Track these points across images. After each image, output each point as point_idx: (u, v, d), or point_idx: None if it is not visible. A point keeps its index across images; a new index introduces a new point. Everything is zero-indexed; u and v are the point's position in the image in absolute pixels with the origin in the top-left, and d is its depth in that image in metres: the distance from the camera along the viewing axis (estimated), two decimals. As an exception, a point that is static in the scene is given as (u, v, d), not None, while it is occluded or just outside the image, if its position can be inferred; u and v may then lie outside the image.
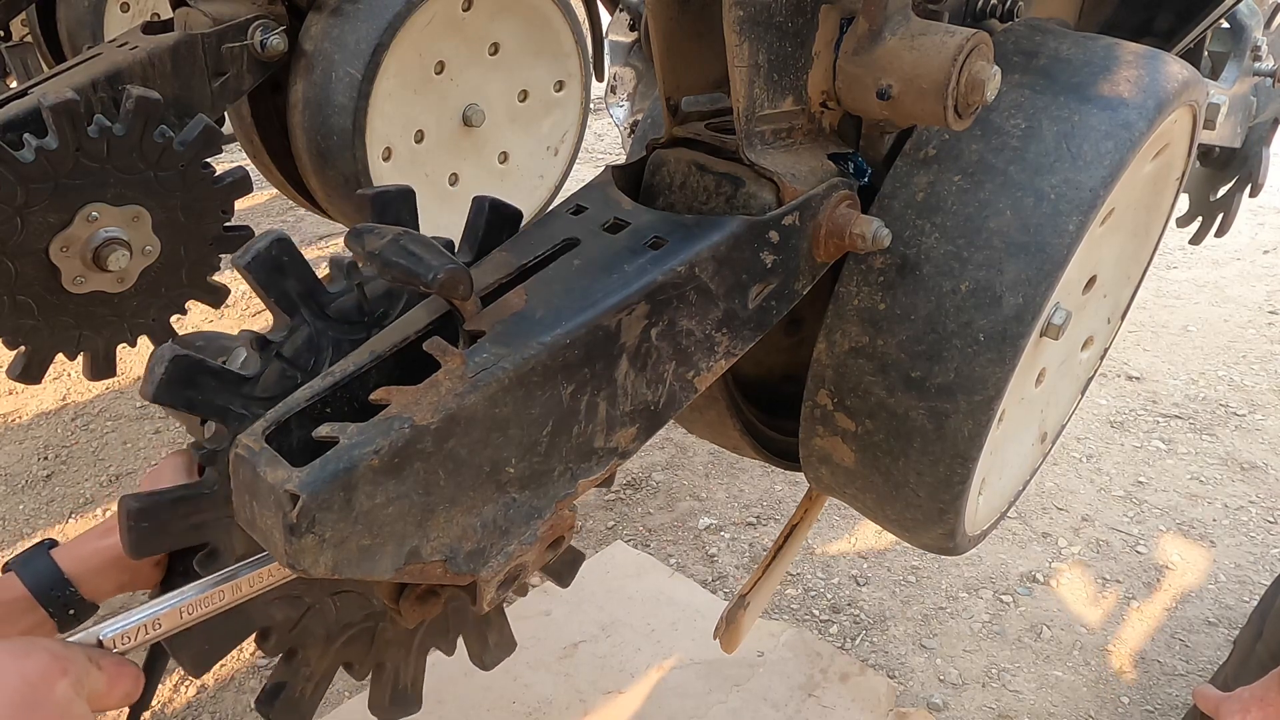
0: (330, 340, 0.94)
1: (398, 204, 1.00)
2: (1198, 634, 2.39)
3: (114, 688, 0.86)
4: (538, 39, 2.47)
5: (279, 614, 0.97)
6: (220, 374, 0.87)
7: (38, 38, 2.99)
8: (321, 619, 1.01)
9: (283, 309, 0.92)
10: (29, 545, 1.11)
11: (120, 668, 0.87)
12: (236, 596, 0.90)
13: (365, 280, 0.97)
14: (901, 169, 1.10)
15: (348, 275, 0.97)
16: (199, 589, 0.89)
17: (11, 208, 1.71)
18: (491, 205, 1.03)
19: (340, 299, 0.95)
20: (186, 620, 0.89)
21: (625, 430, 0.93)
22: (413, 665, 1.13)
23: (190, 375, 0.85)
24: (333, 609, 1.02)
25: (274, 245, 0.90)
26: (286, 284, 0.91)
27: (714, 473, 2.93)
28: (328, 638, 1.03)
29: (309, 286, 0.93)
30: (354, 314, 0.96)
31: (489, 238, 1.02)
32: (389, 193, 0.99)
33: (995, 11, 1.20)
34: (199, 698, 2.19)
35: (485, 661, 1.19)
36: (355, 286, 0.96)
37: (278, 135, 2.30)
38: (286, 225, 4.53)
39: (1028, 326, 1.02)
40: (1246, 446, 3.08)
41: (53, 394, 3.28)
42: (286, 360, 0.91)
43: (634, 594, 2.42)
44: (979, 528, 1.30)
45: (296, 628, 1.00)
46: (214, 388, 0.87)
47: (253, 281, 0.90)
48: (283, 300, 0.91)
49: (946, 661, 2.30)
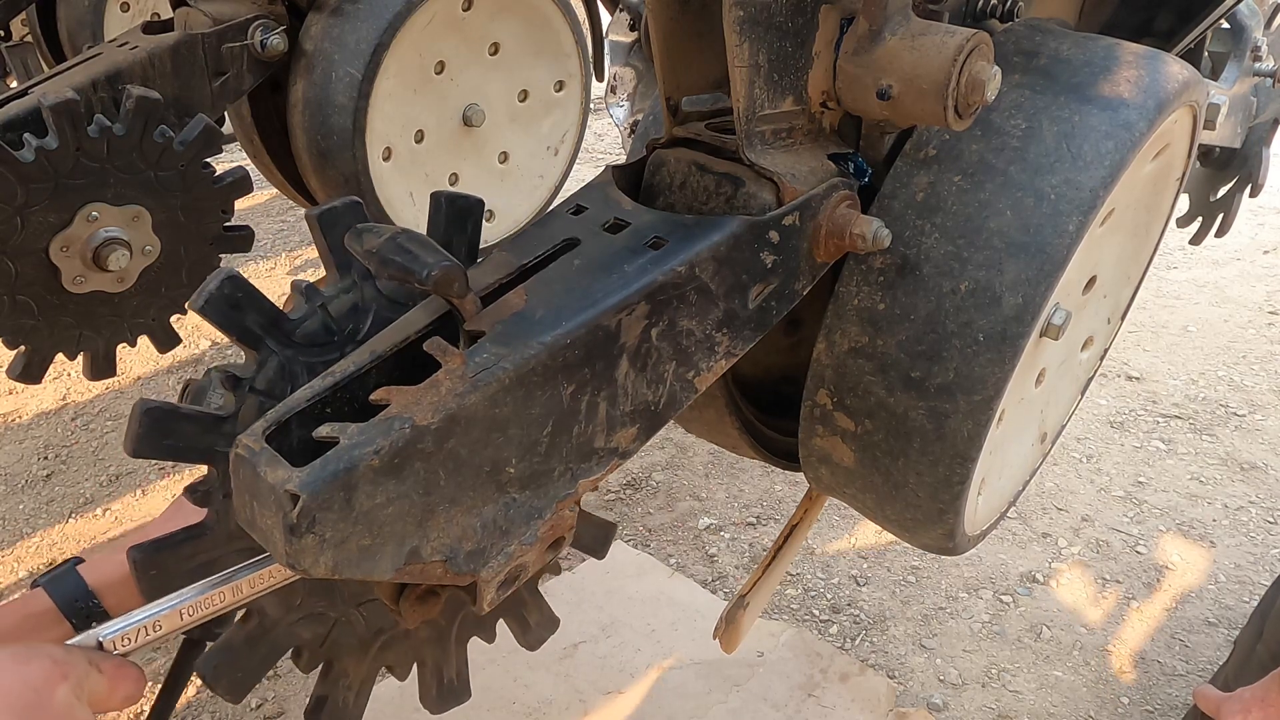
0: (303, 365, 0.93)
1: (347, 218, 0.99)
2: (1198, 634, 2.39)
3: (115, 690, 0.86)
4: (538, 39, 2.47)
5: (306, 633, 0.98)
6: (197, 418, 0.87)
7: (38, 38, 2.99)
8: (351, 630, 1.02)
9: (248, 344, 0.91)
10: (27, 544, 1.12)
11: (121, 670, 0.87)
12: (237, 598, 0.90)
13: (328, 300, 0.97)
14: (901, 169, 1.10)
15: (308, 299, 0.97)
16: (199, 591, 0.89)
17: (11, 208, 1.72)
18: (449, 199, 1.03)
19: (305, 323, 0.95)
20: (187, 622, 0.89)
21: (625, 430, 0.93)
22: (454, 657, 1.13)
23: (165, 425, 0.85)
24: (361, 619, 1.02)
25: (225, 284, 0.89)
26: (246, 319, 0.91)
27: (714, 473, 2.93)
28: (362, 646, 1.03)
29: (269, 317, 0.92)
30: (321, 335, 0.95)
31: (451, 230, 1.02)
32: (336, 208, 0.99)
33: (995, 11, 1.20)
34: (199, 698, 2.19)
35: (529, 641, 1.20)
36: (318, 308, 0.96)
37: (278, 135, 2.30)
38: (286, 225, 4.53)
39: (1027, 327, 1.02)
40: (1246, 446, 3.08)
41: (53, 394, 3.28)
42: (261, 393, 0.91)
43: (634, 594, 2.42)
44: (979, 528, 1.30)
45: (326, 642, 1.00)
46: (192, 432, 0.87)
47: (211, 322, 0.90)
48: (246, 335, 0.91)
49: (946, 661, 2.30)
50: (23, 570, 2.55)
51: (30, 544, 2.64)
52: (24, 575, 2.54)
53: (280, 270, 4.13)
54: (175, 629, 0.89)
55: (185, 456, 0.87)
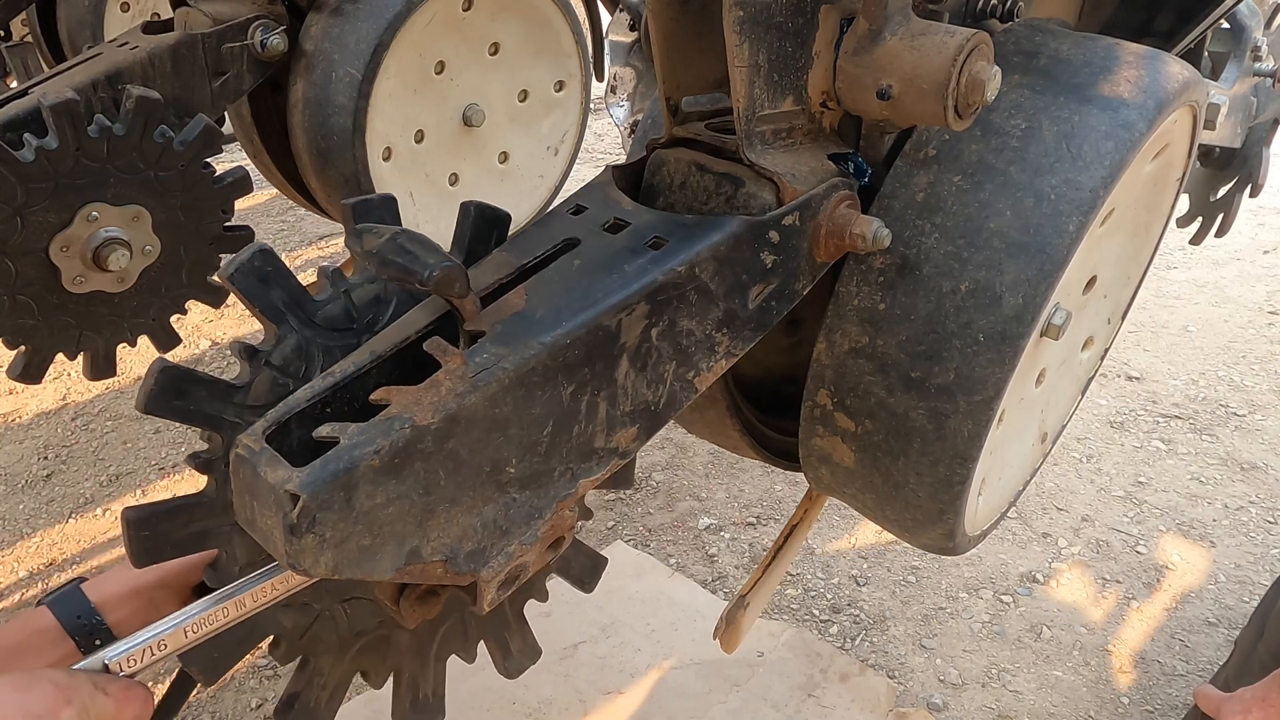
0: (320, 347, 0.94)
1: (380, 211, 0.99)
2: (1198, 634, 2.39)
3: (122, 711, 0.86)
4: (538, 39, 2.47)
5: (288, 621, 0.98)
6: (210, 384, 0.87)
7: (38, 38, 2.99)
8: (333, 626, 1.02)
9: (269, 318, 0.92)
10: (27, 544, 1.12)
11: (128, 691, 0.87)
12: (240, 612, 0.90)
13: (352, 287, 0.97)
14: (901, 169, 1.10)
15: (334, 283, 0.98)
16: (202, 607, 0.89)
17: (11, 208, 1.71)
18: (478, 209, 1.03)
19: (327, 306, 0.95)
20: (192, 639, 0.89)
21: (625, 430, 0.93)
22: (432, 673, 1.13)
23: (179, 386, 0.85)
24: (344, 616, 1.02)
25: (257, 256, 0.90)
26: (272, 293, 0.91)
27: (714, 473, 2.93)
28: (340, 646, 1.03)
29: (294, 295, 0.93)
30: (342, 320, 0.96)
31: (477, 241, 1.03)
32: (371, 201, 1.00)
33: (995, 11, 1.20)
34: (199, 698, 2.19)
35: (508, 669, 1.19)
36: (342, 294, 0.97)
37: (278, 135, 2.30)
38: (287, 225, 4.53)
39: (1028, 327, 1.02)
40: (1246, 446, 3.08)
41: (53, 394, 3.28)
42: (276, 368, 0.91)
43: (634, 594, 2.42)
44: (979, 528, 1.30)
45: (306, 635, 1.00)
46: (204, 397, 0.87)
47: (238, 292, 0.90)
48: (269, 309, 0.92)
49: (946, 661, 2.30)
50: (23, 570, 2.55)
51: (30, 544, 2.64)
52: (24, 575, 2.54)
53: (280, 270, 4.13)
54: (180, 647, 0.89)
55: (193, 420, 0.87)
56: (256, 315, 0.92)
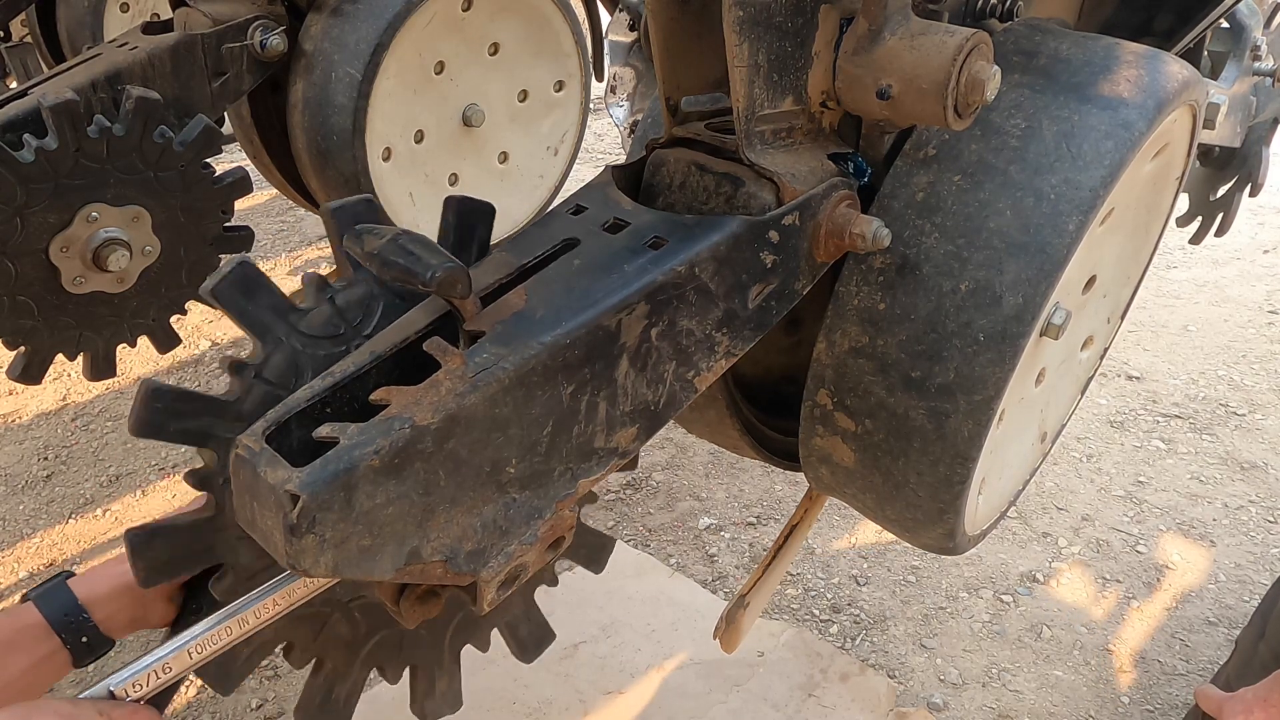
0: (309, 356, 0.94)
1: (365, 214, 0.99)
2: (1198, 634, 2.39)
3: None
4: (538, 39, 2.47)
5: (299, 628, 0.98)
6: (202, 400, 0.87)
7: (38, 38, 2.99)
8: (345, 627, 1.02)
9: (256, 331, 0.92)
10: (27, 544, 1.12)
11: (134, 716, 0.87)
12: (244, 630, 0.90)
13: (336, 293, 0.97)
14: (901, 169, 1.10)
15: (318, 291, 0.98)
16: (205, 628, 0.89)
17: (11, 208, 1.72)
18: (460, 202, 1.03)
19: (312, 314, 0.96)
20: (196, 660, 0.89)
21: (625, 430, 0.93)
22: (447, 665, 1.14)
23: (170, 407, 0.85)
24: (356, 615, 1.02)
25: (238, 270, 0.91)
26: (256, 306, 0.92)
27: (714, 473, 2.93)
28: (354, 644, 1.03)
29: (279, 306, 0.93)
30: (329, 328, 0.96)
31: (462, 234, 1.03)
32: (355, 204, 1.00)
33: (995, 11, 1.20)
34: (199, 698, 2.19)
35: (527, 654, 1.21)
36: (327, 301, 0.97)
37: (278, 135, 2.30)
38: (286, 225, 4.53)
39: (1028, 326, 1.02)
40: (1246, 446, 3.08)
41: (53, 394, 3.28)
42: (267, 380, 0.92)
43: (634, 594, 2.42)
44: (979, 528, 1.30)
45: (319, 638, 1.00)
46: (196, 415, 0.87)
47: (222, 307, 0.90)
48: (255, 323, 0.92)
49: (946, 661, 2.30)
50: (23, 570, 2.55)
51: (30, 544, 2.64)
52: (24, 575, 2.54)
53: (280, 270, 4.13)
54: (186, 669, 0.89)
55: (188, 440, 0.87)
56: (243, 328, 0.92)
